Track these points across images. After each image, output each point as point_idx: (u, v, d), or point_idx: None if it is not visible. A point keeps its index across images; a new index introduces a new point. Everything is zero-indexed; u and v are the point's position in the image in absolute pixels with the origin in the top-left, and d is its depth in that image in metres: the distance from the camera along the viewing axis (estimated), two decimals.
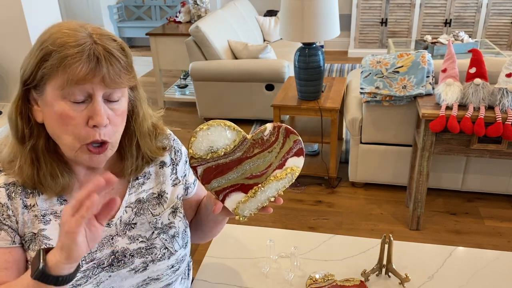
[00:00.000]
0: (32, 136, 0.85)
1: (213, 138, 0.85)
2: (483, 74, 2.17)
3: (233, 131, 0.87)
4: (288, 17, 2.67)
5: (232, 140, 0.87)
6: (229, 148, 0.87)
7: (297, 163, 0.90)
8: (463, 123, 2.14)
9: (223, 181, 0.88)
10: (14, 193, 0.86)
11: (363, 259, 1.22)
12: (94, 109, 0.80)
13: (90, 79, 0.78)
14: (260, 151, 0.88)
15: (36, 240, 0.87)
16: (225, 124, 0.86)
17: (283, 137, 0.88)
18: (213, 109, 3.97)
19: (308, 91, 2.83)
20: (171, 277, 1.01)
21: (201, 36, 3.73)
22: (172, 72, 5.47)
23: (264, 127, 0.89)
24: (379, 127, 2.67)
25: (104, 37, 0.81)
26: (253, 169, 0.88)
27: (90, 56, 0.78)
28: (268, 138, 0.88)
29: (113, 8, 6.56)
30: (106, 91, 0.81)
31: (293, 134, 0.89)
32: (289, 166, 0.89)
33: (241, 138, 0.87)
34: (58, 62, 0.77)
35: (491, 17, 5.23)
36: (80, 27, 0.81)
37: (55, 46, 0.78)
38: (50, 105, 0.81)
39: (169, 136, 1.05)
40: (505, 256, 1.22)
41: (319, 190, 2.97)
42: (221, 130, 0.86)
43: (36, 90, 0.82)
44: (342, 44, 6.01)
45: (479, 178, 2.69)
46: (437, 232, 2.53)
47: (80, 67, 0.77)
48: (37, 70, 0.79)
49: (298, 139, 0.89)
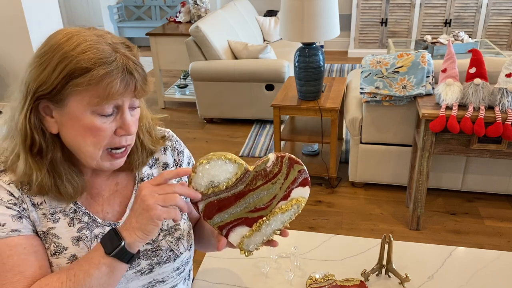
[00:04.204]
0: (49, 149, 0.83)
1: (213, 172, 0.82)
2: (483, 74, 2.17)
3: (234, 163, 0.83)
4: (288, 17, 2.67)
5: (234, 174, 0.83)
6: (230, 182, 0.83)
7: (303, 194, 0.87)
8: (463, 123, 2.14)
9: (226, 215, 0.86)
10: (22, 190, 0.86)
11: (363, 259, 1.22)
12: (124, 120, 0.82)
13: (124, 93, 0.79)
14: (264, 183, 0.85)
15: (46, 238, 0.87)
16: (226, 157, 0.82)
17: (287, 168, 0.85)
18: (213, 109, 3.97)
19: (308, 91, 2.83)
20: (176, 279, 1.01)
21: (201, 36, 3.73)
22: (172, 72, 5.47)
23: (267, 157, 0.85)
24: (379, 127, 2.67)
25: (122, 46, 0.81)
26: (257, 201, 0.85)
27: (124, 72, 0.79)
28: (271, 169, 0.85)
29: (113, 8, 6.56)
30: (132, 101, 0.83)
31: (297, 164, 0.85)
32: (294, 197, 0.87)
33: (243, 170, 0.84)
34: (95, 80, 0.76)
35: (491, 17, 5.23)
36: (97, 37, 0.80)
37: (87, 63, 0.76)
38: (75, 118, 0.80)
39: (171, 137, 1.05)
40: (505, 256, 1.22)
41: (319, 190, 2.97)
42: (222, 164, 0.82)
43: (55, 103, 0.80)
44: (342, 44, 6.01)
45: (479, 178, 2.69)
46: (437, 232, 2.53)
47: (118, 85, 0.78)
48: (64, 85, 0.77)
49: (303, 168, 0.86)
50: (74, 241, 0.89)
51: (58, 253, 0.87)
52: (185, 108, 4.45)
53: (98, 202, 0.93)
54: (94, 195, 0.93)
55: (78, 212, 0.90)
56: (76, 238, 0.89)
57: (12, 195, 0.84)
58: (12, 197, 0.84)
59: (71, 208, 0.89)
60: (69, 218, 0.89)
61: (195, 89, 3.93)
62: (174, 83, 4.85)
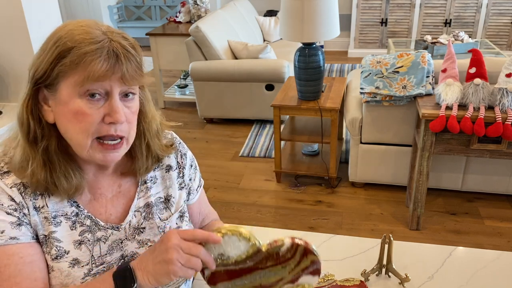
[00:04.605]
0: (44, 137, 0.83)
1: (225, 247, 0.81)
2: (483, 74, 2.17)
3: (248, 242, 0.81)
4: (288, 17, 2.67)
5: (246, 251, 0.82)
6: (240, 258, 0.82)
7: (311, 282, 0.86)
8: (463, 123, 2.14)
9: (230, 286, 0.85)
10: (24, 193, 0.85)
11: (363, 259, 1.22)
12: (112, 106, 0.80)
13: (110, 76, 0.78)
14: (273, 265, 0.83)
15: (47, 242, 0.87)
16: (241, 234, 0.81)
17: (300, 256, 0.83)
18: (213, 109, 3.97)
19: (308, 91, 2.83)
20: (178, 281, 1.01)
21: (201, 36, 3.73)
22: (172, 72, 5.47)
23: (282, 241, 0.82)
24: (379, 127, 2.67)
25: (118, 36, 0.81)
26: (263, 280, 0.84)
27: (110, 53, 0.78)
28: (284, 254, 0.83)
29: (113, 8, 6.56)
30: (123, 88, 0.81)
31: (312, 255, 0.83)
32: (301, 283, 0.85)
33: (256, 249, 0.82)
34: (78, 58, 0.76)
35: (491, 17, 5.23)
36: (94, 24, 0.81)
37: (74, 42, 0.77)
38: (64, 103, 0.80)
39: (175, 140, 1.04)
40: (505, 256, 1.22)
41: (319, 190, 2.97)
42: (235, 240, 0.81)
43: (49, 89, 0.81)
44: (342, 44, 6.01)
45: (479, 178, 2.69)
46: (437, 232, 2.53)
47: (101, 64, 0.77)
48: (53, 67, 0.78)
49: (317, 260, 0.84)
50: (76, 245, 0.88)
51: (60, 257, 0.87)
52: (185, 108, 4.45)
53: (102, 203, 0.93)
54: (98, 196, 0.93)
55: (80, 215, 0.89)
56: (78, 241, 0.89)
57: (13, 200, 0.84)
58: (12, 202, 0.84)
59: (73, 211, 0.89)
60: (71, 222, 0.88)
61: (195, 89, 3.93)
62: (174, 83, 4.85)
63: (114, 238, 0.92)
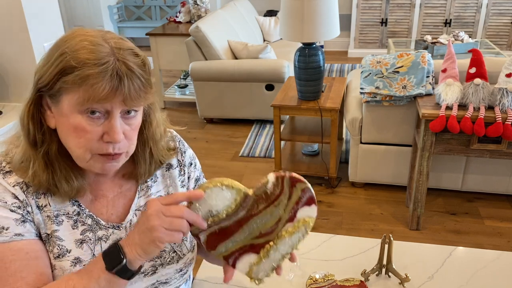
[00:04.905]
0: (45, 142, 0.83)
1: (211, 201, 0.77)
2: (483, 74, 2.17)
3: (232, 189, 0.78)
4: (288, 17, 2.67)
5: (233, 200, 0.78)
6: (230, 209, 0.79)
7: (310, 213, 0.81)
8: (463, 123, 2.14)
9: (230, 244, 0.81)
10: (27, 192, 0.85)
11: (363, 259, 1.22)
12: (111, 125, 0.79)
13: (111, 98, 0.77)
14: (266, 207, 0.80)
15: (50, 241, 0.87)
16: (222, 184, 0.78)
17: (289, 188, 0.79)
18: (213, 109, 3.97)
19: (308, 91, 2.83)
20: (179, 280, 1.01)
21: (201, 36, 3.73)
22: (172, 72, 5.47)
23: (266, 179, 0.80)
24: (379, 127, 2.67)
25: (126, 52, 0.79)
26: (261, 227, 0.81)
27: (113, 75, 0.76)
28: (272, 191, 0.79)
29: (113, 8, 6.56)
30: (124, 108, 0.80)
31: (300, 182, 0.79)
32: (300, 218, 0.81)
33: (242, 195, 0.79)
34: (80, 80, 0.75)
35: (491, 17, 5.23)
36: (103, 40, 0.79)
37: (78, 63, 0.75)
38: (65, 115, 0.79)
39: (175, 138, 1.04)
40: (505, 256, 1.22)
41: (319, 190, 2.97)
42: (218, 191, 0.78)
43: (51, 98, 0.81)
44: (342, 44, 6.01)
45: (479, 178, 2.69)
46: (437, 232, 2.53)
47: (102, 88, 0.75)
48: (56, 81, 0.77)
49: (307, 186, 0.80)
50: (78, 244, 0.89)
51: (62, 255, 0.87)
52: (185, 108, 4.45)
53: (103, 203, 0.93)
54: (99, 196, 0.93)
55: (81, 214, 0.90)
56: (80, 240, 0.89)
57: (17, 198, 0.84)
58: (16, 200, 0.84)
59: (74, 210, 0.89)
60: (73, 221, 0.89)
61: (195, 89, 3.93)
62: (174, 83, 4.85)
63: (115, 237, 0.92)
